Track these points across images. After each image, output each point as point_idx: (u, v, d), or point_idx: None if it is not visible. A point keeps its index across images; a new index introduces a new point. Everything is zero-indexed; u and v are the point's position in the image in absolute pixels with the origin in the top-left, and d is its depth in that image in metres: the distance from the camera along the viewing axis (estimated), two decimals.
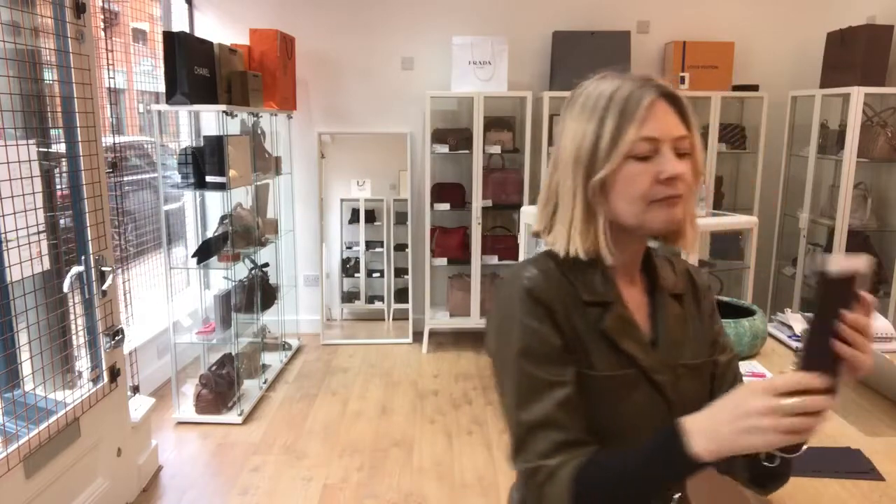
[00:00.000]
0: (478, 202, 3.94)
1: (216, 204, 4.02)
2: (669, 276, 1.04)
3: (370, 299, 4.51)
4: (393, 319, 4.52)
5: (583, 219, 0.91)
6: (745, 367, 1.50)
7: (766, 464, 0.87)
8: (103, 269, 2.26)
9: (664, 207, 0.89)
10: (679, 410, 0.92)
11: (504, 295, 0.92)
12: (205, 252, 3.18)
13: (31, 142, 2.00)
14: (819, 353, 0.74)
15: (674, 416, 0.91)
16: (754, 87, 4.06)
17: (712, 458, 0.75)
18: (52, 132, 2.24)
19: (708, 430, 0.76)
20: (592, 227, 0.91)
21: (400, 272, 4.44)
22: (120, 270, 2.84)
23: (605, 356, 0.91)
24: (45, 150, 2.16)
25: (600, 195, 0.90)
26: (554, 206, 0.94)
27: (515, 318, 0.88)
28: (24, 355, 2.08)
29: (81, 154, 2.15)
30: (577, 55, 3.92)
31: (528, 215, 2.98)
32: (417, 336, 4.25)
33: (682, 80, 4.01)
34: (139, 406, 2.65)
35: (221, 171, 3.00)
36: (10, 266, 1.90)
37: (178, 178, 3.11)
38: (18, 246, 1.91)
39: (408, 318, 4.34)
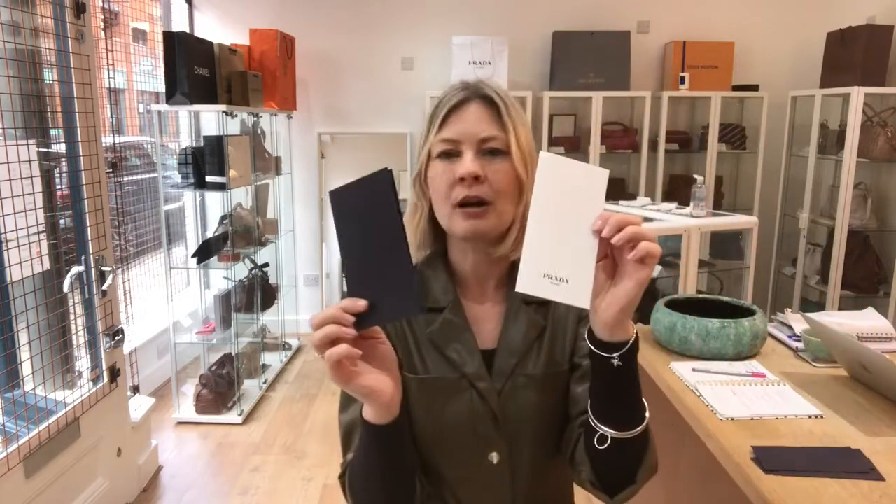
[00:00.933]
0: None
1: (216, 204, 4.02)
2: None
3: None
4: None
5: (410, 216, 0.96)
6: (745, 367, 1.50)
7: (597, 446, 0.80)
8: (103, 269, 2.26)
9: (466, 217, 0.88)
10: (510, 420, 0.93)
11: None
12: (205, 252, 3.18)
13: (31, 142, 2.00)
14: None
15: (502, 425, 0.93)
16: (754, 87, 4.06)
17: (367, 412, 0.77)
18: (52, 132, 2.24)
19: None
20: (417, 224, 0.96)
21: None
22: (120, 270, 2.84)
23: (434, 361, 0.94)
24: (45, 150, 2.16)
25: (423, 197, 0.96)
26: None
27: None
28: (24, 355, 2.08)
29: (81, 154, 2.15)
30: (577, 55, 3.92)
31: None
32: None
33: (682, 80, 4.01)
34: (139, 406, 2.65)
35: (221, 171, 3.00)
36: (10, 266, 1.90)
37: (178, 178, 3.11)
38: (18, 246, 1.91)
39: None
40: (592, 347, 0.76)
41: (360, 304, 0.70)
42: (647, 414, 0.81)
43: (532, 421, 0.94)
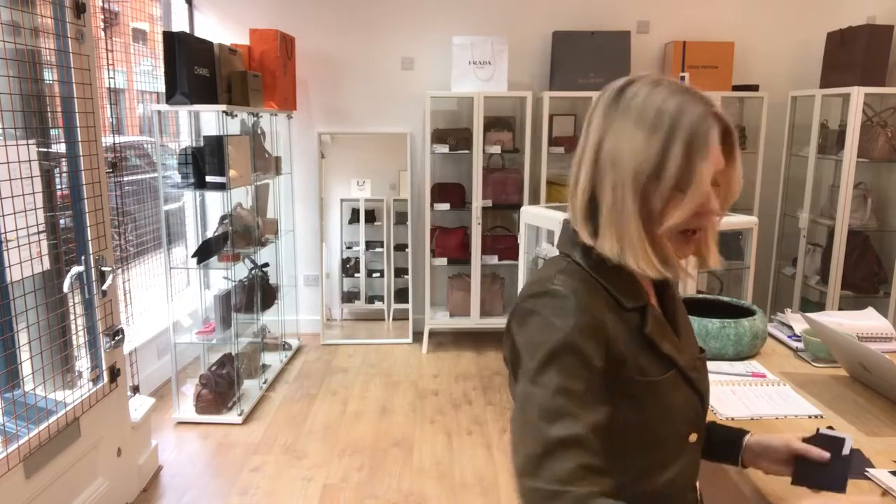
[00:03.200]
0: (478, 202, 3.94)
1: (216, 204, 4.02)
2: (671, 282, 1.04)
3: (370, 299, 4.51)
4: (393, 319, 4.52)
5: (638, 237, 0.85)
6: (745, 367, 1.50)
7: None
8: (103, 269, 2.26)
9: (687, 243, 0.88)
10: (706, 401, 0.99)
11: (541, 304, 0.85)
12: (205, 252, 3.18)
13: (31, 142, 2.00)
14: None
15: (704, 410, 0.97)
16: (754, 87, 4.06)
17: None
18: (52, 132, 2.24)
19: None
20: (643, 245, 0.86)
21: (400, 272, 4.45)
22: (120, 270, 2.84)
23: (651, 361, 0.89)
24: (45, 150, 2.16)
25: (650, 219, 0.86)
26: (595, 208, 0.89)
27: (556, 327, 0.82)
28: (24, 355, 2.08)
29: (81, 154, 2.15)
30: (577, 55, 3.92)
31: (528, 215, 2.99)
32: (417, 336, 4.26)
33: (682, 80, 4.00)
34: (139, 406, 2.65)
35: (221, 171, 3.00)
36: (10, 266, 1.90)
37: (178, 178, 3.11)
38: (18, 246, 1.91)
39: (408, 318, 4.34)
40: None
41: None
42: None
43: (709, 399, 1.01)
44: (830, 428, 0.96)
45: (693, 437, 0.94)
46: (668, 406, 0.90)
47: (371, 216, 4.44)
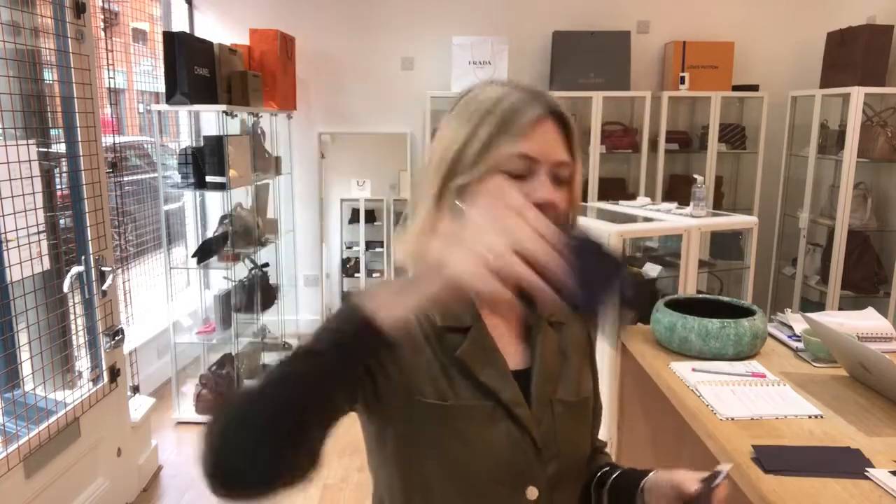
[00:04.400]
0: None
1: (216, 204, 4.02)
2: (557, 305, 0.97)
3: None
4: None
5: (432, 223, 0.81)
6: (745, 367, 1.50)
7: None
8: (103, 269, 2.26)
9: None
10: (551, 451, 0.85)
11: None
12: (205, 252, 3.18)
13: (31, 142, 2.00)
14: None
15: (543, 458, 0.84)
16: (754, 87, 4.06)
17: (391, 317, 0.62)
18: (52, 132, 2.24)
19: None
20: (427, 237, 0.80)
21: (400, 272, 4.43)
22: (120, 270, 2.84)
23: (464, 386, 0.82)
24: (45, 150, 2.16)
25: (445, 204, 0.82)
26: (411, 212, 0.85)
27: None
28: (24, 355, 2.08)
29: (81, 154, 2.15)
30: (577, 55, 3.92)
31: None
32: None
33: (682, 80, 4.01)
34: (139, 406, 2.65)
35: (221, 171, 2.99)
36: (10, 266, 1.90)
37: (178, 178, 3.11)
38: (18, 246, 1.91)
39: None
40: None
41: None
42: None
43: (572, 452, 0.89)
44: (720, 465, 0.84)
45: (532, 493, 0.83)
46: (473, 438, 0.81)
47: (371, 216, 4.44)
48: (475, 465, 0.81)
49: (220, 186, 3.02)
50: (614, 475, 0.95)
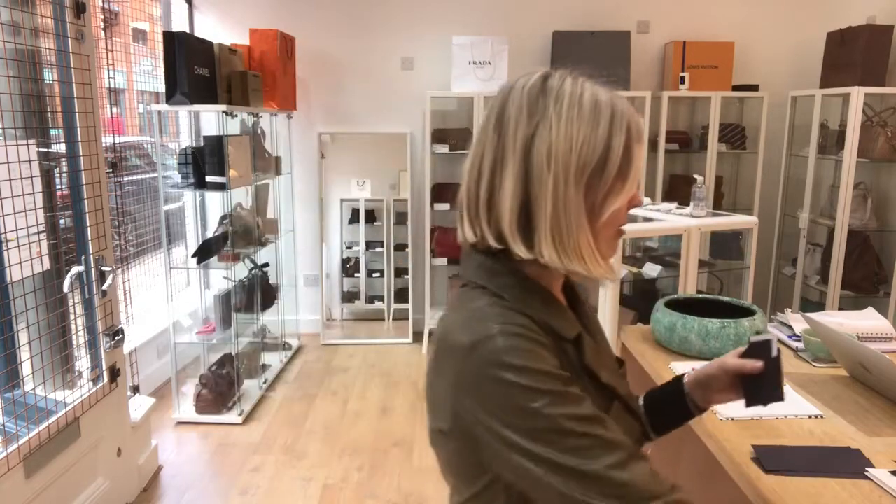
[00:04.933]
0: None
1: (216, 204, 4.02)
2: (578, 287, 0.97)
3: (370, 299, 4.51)
4: (393, 319, 4.52)
5: (585, 236, 0.77)
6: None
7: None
8: (103, 269, 2.26)
9: (617, 240, 0.83)
10: (644, 426, 0.92)
11: (494, 349, 0.71)
12: (205, 252, 3.18)
13: (31, 142, 2.00)
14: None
15: (645, 438, 0.91)
16: (754, 87, 4.06)
17: None
18: (52, 132, 2.24)
19: None
20: (588, 243, 0.78)
21: (400, 272, 4.44)
22: (120, 270, 2.84)
23: (595, 391, 0.80)
24: (45, 150, 2.16)
25: (592, 215, 0.78)
26: (528, 215, 0.77)
27: (532, 376, 0.70)
28: (24, 355, 2.08)
29: (81, 154, 2.15)
30: (577, 55, 3.92)
31: None
32: (417, 336, 4.26)
33: (682, 80, 4.01)
34: (139, 406, 2.65)
35: (221, 171, 3.00)
36: (10, 266, 1.90)
37: (178, 178, 3.11)
38: (18, 246, 1.91)
39: (408, 318, 4.34)
40: (693, 408, 0.97)
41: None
42: None
43: None
44: (758, 333, 0.92)
45: None
46: None
47: (371, 216, 4.44)
48: None
49: (220, 186, 3.02)
50: (649, 397, 1.03)
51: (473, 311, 0.77)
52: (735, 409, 1.29)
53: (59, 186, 2.24)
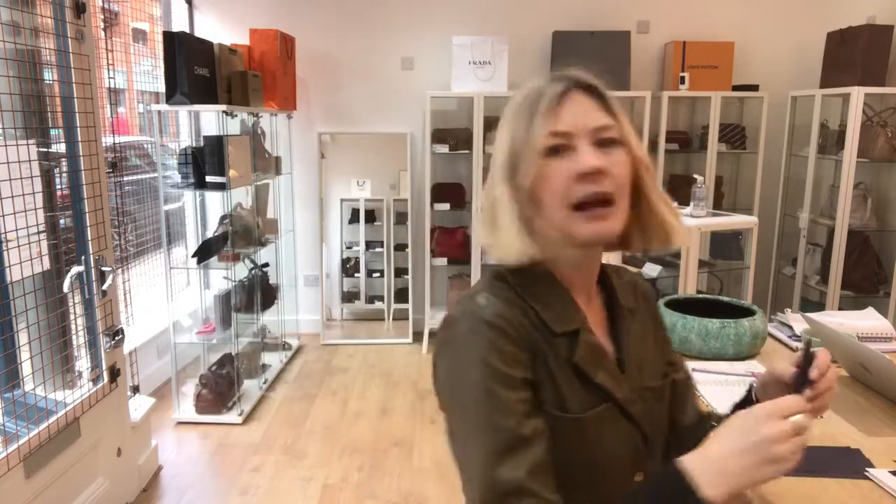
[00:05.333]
0: (478, 202, 3.94)
1: (216, 204, 4.02)
2: (622, 288, 0.94)
3: (370, 299, 4.51)
4: (393, 319, 4.52)
5: (521, 226, 0.81)
6: (745, 367, 1.50)
7: None
8: (103, 269, 2.26)
9: (591, 220, 0.78)
10: (653, 440, 0.87)
11: (461, 331, 0.80)
12: (205, 252, 3.18)
13: (31, 142, 2.00)
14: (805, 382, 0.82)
15: (649, 449, 0.86)
16: (754, 87, 4.06)
17: (724, 499, 0.67)
18: (52, 132, 2.24)
19: (714, 469, 0.68)
20: (533, 235, 0.81)
21: (400, 272, 4.44)
22: (120, 270, 2.84)
23: (579, 393, 0.81)
24: (45, 150, 2.16)
25: (531, 204, 0.81)
26: (494, 218, 0.84)
27: (477, 360, 0.76)
28: (24, 355, 2.08)
29: (81, 154, 2.15)
30: (577, 55, 3.91)
31: None
32: (417, 336, 4.25)
33: (682, 80, 4.01)
34: (139, 406, 2.65)
35: (221, 171, 2.99)
36: (10, 266, 1.90)
37: (178, 178, 3.11)
38: (18, 246, 1.91)
39: (408, 318, 4.34)
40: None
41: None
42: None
43: (664, 434, 0.92)
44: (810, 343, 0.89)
45: (639, 478, 0.86)
46: (597, 444, 0.81)
47: (371, 216, 4.44)
48: (596, 464, 0.82)
49: (220, 186, 3.02)
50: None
51: (466, 292, 0.85)
52: None
53: (59, 186, 2.24)
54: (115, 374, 2.37)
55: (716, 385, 1.40)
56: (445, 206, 4.04)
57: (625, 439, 0.84)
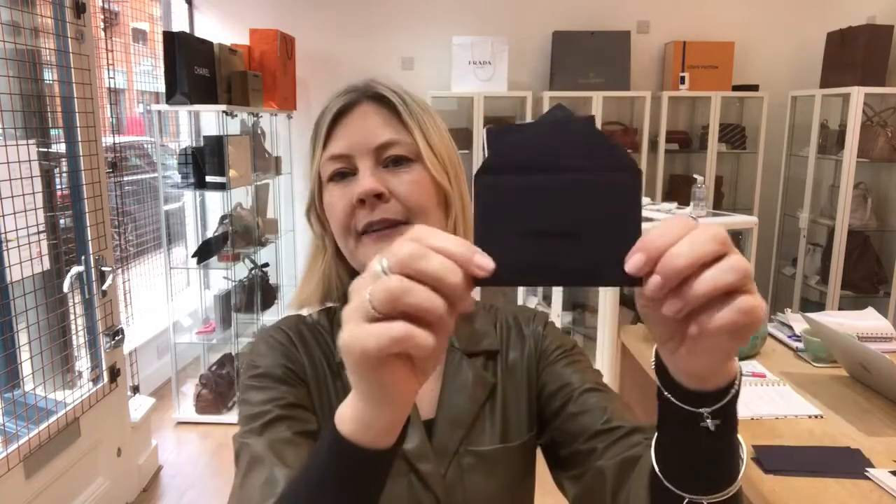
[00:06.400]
0: None
1: (216, 204, 4.02)
2: (475, 328, 0.81)
3: None
4: None
5: (312, 261, 0.79)
6: (745, 367, 1.51)
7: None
8: (103, 269, 2.26)
9: (376, 241, 0.70)
10: None
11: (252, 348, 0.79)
12: (205, 252, 3.18)
13: (31, 142, 2.00)
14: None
15: None
16: (754, 87, 4.06)
17: (358, 423, 0.47)
18: (52, 132, 2.24)
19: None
20: (322, 269, 0.78)
21: None
22: (120, 270, 2.84)
23: None
24: (45, 150, 2.16)
25: (326, 234, 0.77)
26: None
27: (258, 348, 0.77)
28: (24, 355, 2.08)
29: (81, 154, 2.15)
30: (577, 55, 3.92)
31: None
32: None
33: (682, 80, 4.01)
34: (139, 406, 2.65)
35: (221, 171, 3.00)
36: (10, 266, 1.90)
37: (178, 178, 3.11)
38: (18, 246, 1.91)
39: None
40: (669, 397, 0.48)
41: (487, 265, 0.40)
42: (743, 459, 0.55)
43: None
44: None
45: None
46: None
47: None
48: None
49: (220, 186, 3.02)
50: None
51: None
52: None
53: (59, 186, 2.24)
54: (115, 374, 2.37)
55: None
56: None
57: (409, 499, 0.71)
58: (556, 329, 0.85)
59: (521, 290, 3.23)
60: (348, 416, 0.48)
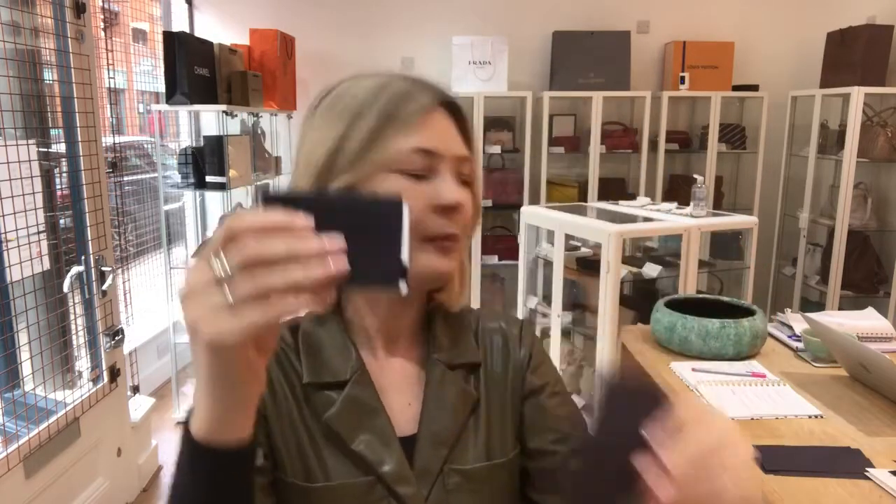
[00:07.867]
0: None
1: (216, 204, 4.02)
2: (457, 338, 0.76)
3: None
4: None
5: None
6: (745, 367, 1.51)
7: None
8: (103, 269, 2.26)
9: (442, 254, 0.66)
10: None
11: None
12: None
13: (31, 142, 2.00)
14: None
15: None
16: (754, 87, 4.06)
17: (212, 421, 0.52)
18: (52, 132, 2.24)
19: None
20: None
21: None
22: (120, 270, 2.84)
23: (335, 459, 0.67)
24: (45, 150, 2.16)
25: None
26: None
27: None
28: (24, 355, 2.08)
29: (81, 154, 2.15)
30: (577, 55, 3.92)
31: (528, 215, 2.99)
32: None
33: (682, 80, 4.01)
34: (139, 406, 2.65)
35: (221, 171, 3.00)
36: (10, 266, 1.90)
37: (178, 178, 3.11)
38: (18, 246, 1.91)
39: None
40: None
41: (338, 247, 0.43)
42: None
43: None
44: None
45: None
46: None
47: None
48: None
49: (220, 186, 3.02)
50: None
51: None
52: (735, 409, 1.28)
53: (59, 186, 2.24)
54: (115, 374, 2.37)
55: (716, 385, 1.40)
56: None
57: None
58: (534, 337, 0.82)
59: (520, 289, 3.23)
60: (200, 416, 0.51)
